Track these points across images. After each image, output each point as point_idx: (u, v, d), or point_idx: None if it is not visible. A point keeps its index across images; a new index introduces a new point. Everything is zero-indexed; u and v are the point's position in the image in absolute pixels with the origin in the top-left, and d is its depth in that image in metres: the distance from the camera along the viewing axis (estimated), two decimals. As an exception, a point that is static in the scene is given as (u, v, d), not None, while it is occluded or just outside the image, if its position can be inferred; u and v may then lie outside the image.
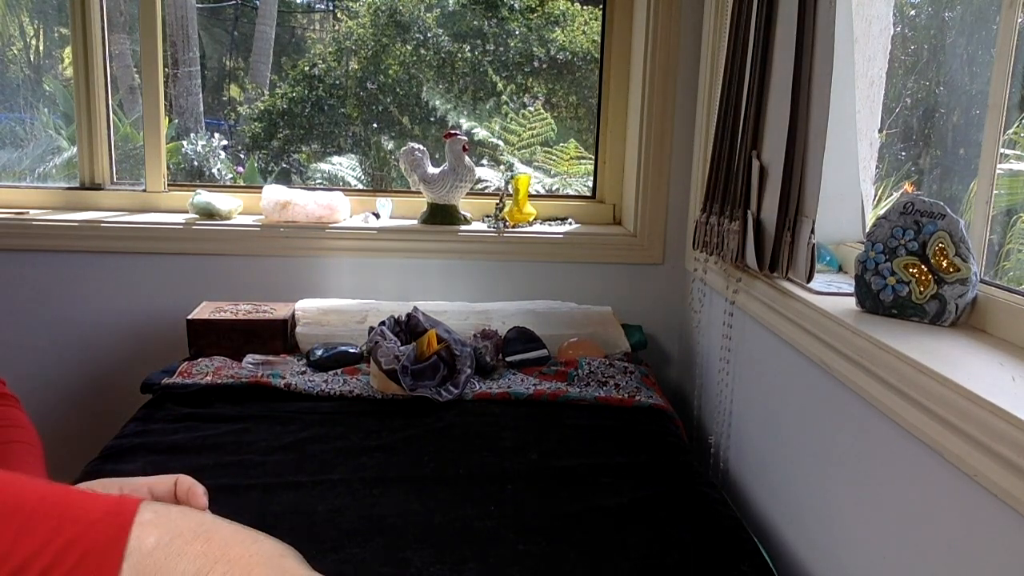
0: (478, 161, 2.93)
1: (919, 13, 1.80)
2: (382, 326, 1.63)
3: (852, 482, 1.09)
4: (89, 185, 2.18)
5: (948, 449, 0.82)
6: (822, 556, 1.18)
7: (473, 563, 1.02)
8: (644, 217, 2.04)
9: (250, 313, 1.83)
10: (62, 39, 3.10)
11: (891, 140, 1.70)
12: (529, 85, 3.09)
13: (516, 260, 2.07)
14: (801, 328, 1.22)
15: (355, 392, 1.57)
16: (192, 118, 3.51)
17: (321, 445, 1.36)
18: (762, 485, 1.45)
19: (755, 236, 1.38)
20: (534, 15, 3.18)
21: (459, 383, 1.56)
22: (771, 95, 1.35)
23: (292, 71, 3.46)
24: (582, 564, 1.04)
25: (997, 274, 1.47)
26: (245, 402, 1.54)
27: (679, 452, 1.41)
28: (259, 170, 3.36)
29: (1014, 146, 1.49)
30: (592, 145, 2.32)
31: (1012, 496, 0.72)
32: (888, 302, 1.10)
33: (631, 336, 1.90)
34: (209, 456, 1.31)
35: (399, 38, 3.22)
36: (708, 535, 1.13)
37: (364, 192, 2.35)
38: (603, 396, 1.58)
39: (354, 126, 3.28)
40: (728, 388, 1.64)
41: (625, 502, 1.20)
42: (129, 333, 2.03)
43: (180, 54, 3.58)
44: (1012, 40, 1.02)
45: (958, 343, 0.98)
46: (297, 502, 1.17)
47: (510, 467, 1.30)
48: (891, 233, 1.10)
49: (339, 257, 2.06)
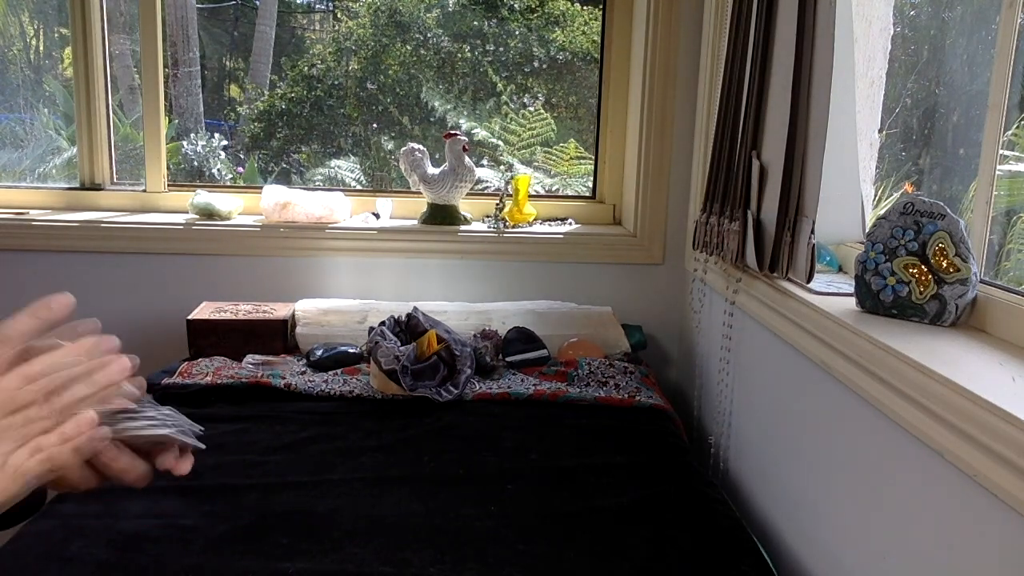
0: (478, 161, 2.93)
1: (919, 13, 1.80)
2: (382, 326, 1.63)
3: (852, 482, 1.09)
4: (89, 185, 2.18)
5: (948, 449, 0.82)
6: (822, 556, 1.18)
7: (473, 563, 1.02)
8: (644, 217, 2.04)
9: (250, 313, 1.83)
10: (62, 39, 3.10)
11: (891, 140, 1.70)
12: (529, 85, 3.09)
13: (516, 260, 2.07)
14: (801, 328, 1.22)
15: (355, 392, 1.57)
16: (192, 118, 3.51)
17: (321, 445, 1.36)
18: (762, 485, 1.45)
19: (755, 236, 1.38)
20: (534, 15, 3.18)
21: (459, 383, 1.56)
22: (771, 95, 1.35)
23: (292, 71, 3.46)
24: (582, 564, 1.04)
25: (997, 274, 1.47)
26: (245, 402, 1.54)
27: (679, 452, 1.41)
28: (259, 170, 3.36)
29: (1014, 146, 1.49)
30: (592, 145, 2.32)
31: (1012, 496, 0.72)
32: (888, 302, 1.10)
33: (631, 336, 1.90)
34: (209, 456, 1.30)
35: (399, 38, 3.22)
36: (708, 535, 1.13)
37: (364, 192, 2.35)
38: (603, 396, 1.58)
39: (354, 126, 3.28)
40: (728, 388, 1.64)
41: (625, 502, 1.20)
42: (129, 333, 2.01)
43: (180, 54, 3.58)
44: (1012, 40, 1.02)
45: (958, 343, 0.98)
46: (297, 502, 1.17)
47: (510, 467, 1.30)
48: (891, 233, 1.10)
49: (339, 257, 2.06)
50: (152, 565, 1.00)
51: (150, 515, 1.11)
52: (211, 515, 1.12)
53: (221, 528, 1.09)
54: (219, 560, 1.01)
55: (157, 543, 1.05)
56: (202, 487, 1.20)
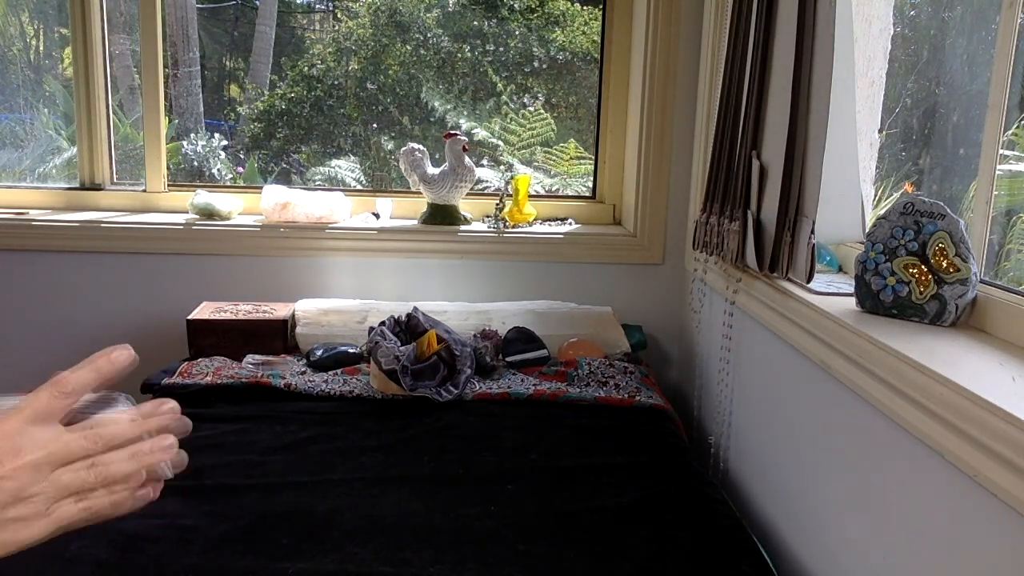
0: (478, 161, 2.93)
1: (919, 13, 1.80)
2: (382, 326, 1.63)
3: (852, 482, 1.09)
4: (89, 185, 2.18)
5: (948, 449, 0.82)
6: (822, 556, 1.18)
7: (473, 563, 1.02)
8: (644, 217, 2.04)
9: (250, 313, 1.83)
10: (62, 39, 3.09)
11: (891, 140, 1.70)
12: (529, 85, 3.09)
13: (516, 260, 2.07)
14: (801, 328, 1.22)
15: (355, 392, 1.57)
16: (192, 118, 3.51)
17: (321, 445, 1.36)
18: (762, 485, 1.45)
19: (755, 236, 1.38)
20: (534, 15, 3.18)
21: (459, 383, 1.56)
22: (771, 95, 1.35)
23: (292, 71, 3.46)
24: (582, 564, 1.04)
25: (997, 274, 1.47)
26: (245, 402, 1.54)
27: (679, 452, 1.41)
28: (259, 170, 3.36)
29: (1014, 146, 1.49)
30: (592, 145, 2.32)
31: (1012, 496, 0.72)
32: (888, 302, 1.10)
33: (631, 336, 1.90)
34: (209, 456, 1.31)
35: (399, 38, 3.22)
36: (708, 535, 1.13)
37: (364, 192, 2.35)
38: (603, 396, 1.58)
39: (354, 126, 3.28)
40: (728, 388, 1.64)
41: (625, 502, 1.20)
42: (129, 333, 2.03)
43: (180, 54, 3.58)
44: (1012, 40, 1.02)
45: (958, 343, 0.98)
46: (297, 502, 1.17)
47: (510, 467, 1.30)
48: (891, 233, 1.10)
49: (339, 257, 2.06)
50: (152, 565, 1.00)
51: (150, 515, 1.10)
52: (211, 515, 1.12)
53: (221, 528, 1.09)
54: (219, 560, 1.01)
55: (157, 543, 1.05)
56: (202, 487, 1.20)
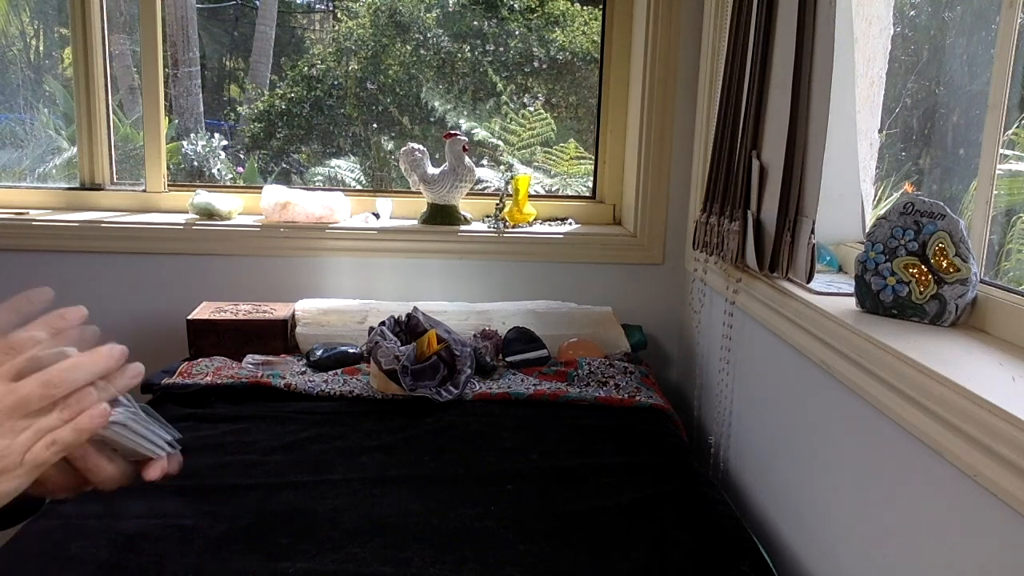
0: (478, 161, 2.93)
1: (919, 13, 1.80)
2: (382, 326, 1.63)
3: (852, 482, 1.09)
4: (89, 185, 2.19)
5: (948, 449, 0.82)
6: (822, 556, 1.18)
7: (473, 563, 1.02)
8: (644, 217, 2.04)
9: (250, 313, 1.83)
10: (62, 39, 3.09)
11: (891, 140, 1.70)
12: (529, 85, 3.09)
13: (516, 260, 2.07)
14: (801, 328, 1.22)
15: (355, 392, 1.57)
16: (192, 118, 3.51)
17: (321, 445, 1.36)
18: (762, 485, 1.45)
19: (755, 236, 1.38)
20: (534, 15, 3.18)
21: (459, 383, 1.56)
22: (771, 95, 1.35)
23: (292, 71, 3.46)
24: (582, 564, 1.04)
25: (997, 274, 1.47)
26: (245, 402, 1.54)
27: (679, 452, 1.41)
28: (259, 170, 3.35)
29: (1014, 146, 1.49)
30: (592, 145, 2.32)
31: (1012, 496, 0.72)
32: (888, 302, 1.10)
33: (631, 336, 1.90)
34: (209, 456, 1.31)
35: (399, 38, 3.22)
36: (708, 535, 1.13)
37: (364, 192, 2.35)
38: (603, 396, 1.58)
39: (354, 126, 3.28)
40: (728, 388, 1.64)
41: (625, 502, 1.20)
42: (129, 333, 2.03)
43: (180, 54, 3.58)
44: (1012, 40, 1.02)
45: (958, 343, 0.98)
46: (297, 502, 1.17)
47: (510, 467, 1.30)
48: (891, 233, 1.10)
49: (339, 257, 2.06)
50: (152, 565, 1.00)
51: (150, 515, 1.11)
52: (211, 515, 1.12)
53: (221, 528, 1.09)
54: (219, 560, 1.01)
55: (157, 543, 1.05)
56: (202, 487, 1.20)
